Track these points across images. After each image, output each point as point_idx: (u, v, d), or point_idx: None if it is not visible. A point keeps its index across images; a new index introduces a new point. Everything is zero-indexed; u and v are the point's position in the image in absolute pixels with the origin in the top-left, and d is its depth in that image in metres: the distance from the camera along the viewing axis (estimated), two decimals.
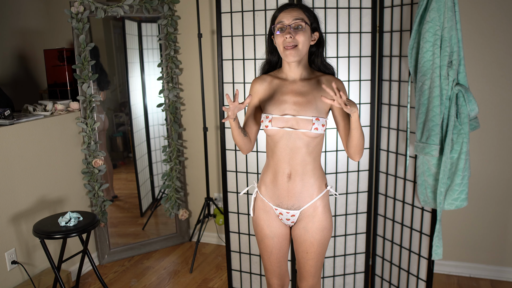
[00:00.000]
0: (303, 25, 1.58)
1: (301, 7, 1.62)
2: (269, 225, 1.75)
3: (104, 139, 3.11)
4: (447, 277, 2.83)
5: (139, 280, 2.90)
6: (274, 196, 1.71)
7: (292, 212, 1.70)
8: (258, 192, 1.78)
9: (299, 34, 1.57)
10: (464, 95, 1.84)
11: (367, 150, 2.39)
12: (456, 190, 1.94)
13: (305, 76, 1.69)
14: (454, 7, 1.83)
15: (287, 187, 1.68)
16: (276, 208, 1.72)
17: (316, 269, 1.76)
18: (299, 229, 1.72)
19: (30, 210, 2.59)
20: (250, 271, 2.64)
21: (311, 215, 1.69)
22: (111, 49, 3.18)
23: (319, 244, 1.71)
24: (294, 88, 1.67)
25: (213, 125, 3.26)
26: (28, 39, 3.85)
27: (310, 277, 1.78)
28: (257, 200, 1.78)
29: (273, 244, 1.77)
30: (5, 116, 2.50)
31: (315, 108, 1.63)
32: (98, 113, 3.01)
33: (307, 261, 1.74)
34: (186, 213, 3.33)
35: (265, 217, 1.75)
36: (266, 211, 1.75)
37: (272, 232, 1.75)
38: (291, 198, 1.69)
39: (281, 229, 1.76)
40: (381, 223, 2.47)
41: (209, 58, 3.16)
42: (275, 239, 1.76)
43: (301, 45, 1.58)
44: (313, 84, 1.67)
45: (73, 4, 2.77)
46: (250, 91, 1.74)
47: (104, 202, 3.04)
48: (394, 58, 2.26)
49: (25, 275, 2.57)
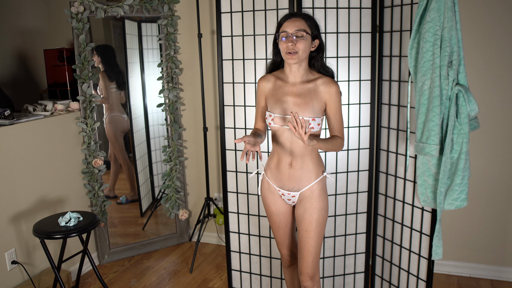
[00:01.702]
0: (304, 35, 1.77)
1: (304, 17, 1.81)
2: (274, 203, 2.00)
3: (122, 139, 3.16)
4: (447, 277, 2.83)
5: (139, 280, 2.90)
6: (277, 179, 1.95)
7: (292, 193, 1.93)
8: (264, 175, 2.01)
9: (300, 43, 1.77)
10: (464, 95, 1.84)
11: (367, 150, 2.39)
12: (456, 190, 1.94)
13: (305, 79, 1.88)
14: (454, 7, 1.83)
15: (288, 173, 1.91)
16: (279, 189, 1.95)
17: (316, 250, 1.92)
18: (299, 208, 1.94)
19: (30, 210, 2.59)
20: (250, 271, 2.64)
21: (309, 197, 1.91)
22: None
23: (317, 222, 1.90)
24: (294, 90, 1.87)
25: (213, 125, 3.26)
26: (28, 39, 3.85)
27: (310, 257, 1.91)
28: (263, 181, 2.02)
29: (280, 219, 2.02)
30: (5, 116, 2.50)
31: (312, 109, 1.84)
32: (120, 113, 3.05)
33: (307, 240, 1.91)
34: (186, 213, 3.33)
35: (270, 196, 2.00)
36: (271, 191, 1.99)
37: (277, 210, 2.00)
38: (291, 182, 1.91)
39: (285, 207, 2.00)
40: (381, 223, 2.47)
41: (209, 58, 3.16)
42: (281, 215, 2.01)
43: (301, 52, 1.78)
44: (311, 87, 1.86)
45: (73, 4, 2.77)
46: (257, 90, 1.97)
47: (104, 202, 3.04)
48: (394, 58, 2.26)
49: (25, 275, 2.57)
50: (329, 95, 1.84)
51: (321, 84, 1.84)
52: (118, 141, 3.17)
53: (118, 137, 3.14)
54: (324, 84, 1.84)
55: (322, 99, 1.84)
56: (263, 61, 2.38)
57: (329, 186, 2.39)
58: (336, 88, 1.84)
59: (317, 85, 1.85)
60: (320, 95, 1.84)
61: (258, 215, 2.54)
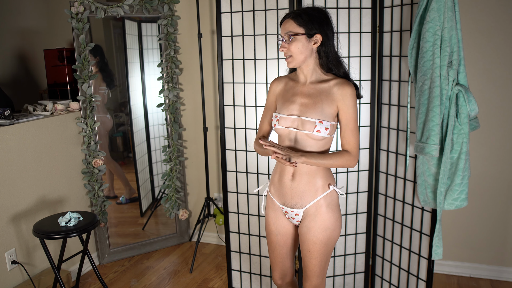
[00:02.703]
0: (294, 36, 1.65)
1: (294, 17, 1.66)
2: (275, 222, 1.84)
3: (106, 139, 3.12)
4: (447, 277, 2.83)
5: (139, 280, 2.90)
6: (280, 195, 1.79)
7: (296, 211, 1.76)
8: (268, 191, 1.88)
9: (292, 45, 1.65)
10: (464, 95, 1.84)
11: (367, 150, 2.39)
12: (456, 190, 1.94)
13: (316, 79, 1.73)
14: (454, 7, 1.83)
15: (291, 186, 1.74)
16: (282, 207, 1.79)
17: (320, 269, 1.78)
18: (302, 227, 1.77)
19: (30, 210, 2.59)
20: (250, 271, 2.64)
21: (313, 214, 1.73)
22: (111, 49, 3.18)
23: (322, 243, 1.73)
24: (304, 90, 1.73)
25: (213, 125, 3.26)
26: (28, 39, 3.85)
27: (314, 277, 1.79)
28: (268, 198, 1.88)
29: (277, 240, 1.85)
30: (5, 116, 2.50)
31: (321, 111, 1.67)
32: (103, 113, 3.03)
33: (310, 260, 1.77)
34: (186, 213, 3.33)
35: (273, 214, 1.84)
36: (274, 209, 1.83)
37: (277, 230, 1.84)
38: (294, 197, 1.74)
39: (286, 228, 1.84)
40: (381, 223, 2.47)
41: (209, 58, 3.16)
42: (279, 236, 1.84)
43: (295, 54, 1.66)
44: (324, 87, 1.70)
45: (73, 4, 2.77)
46: (268, 91, 1.86)
47: (104, 202, 3.04)
48: (394, 58, 2.26)
49: (25, 275, 2.57)
50: (342, 98, 1.65)
51: (334, 85, 1.68)
52: (103, 140, 3.16)
53: (103, 137, 3.12)
54: (337, 85, 1.67)
55: (334, 102, 1.67)
56: (263, 61, 2.38)
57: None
58: (350, 90, 1.65)
59: (330, 86, 1.68)
60: (332, 97, 1.67)
61: (258, 215, 2.54)
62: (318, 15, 1.68)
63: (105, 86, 3.09)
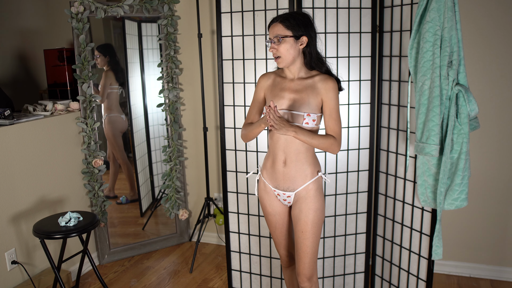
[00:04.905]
0: (282, 39, 1.80)
1: (282, 20, 1.81)
2: (270, 204, 2.00)
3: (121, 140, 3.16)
4: (447, 277, 2.83)
5: (139, 280, 2.90)
6: (272, 179, 1.95)
7: (287, 194, 1.93)
8: (260, 175, 2.02)
9: (280, 46, 1.81)
10: (464, 95, 1.84)
11: (367, 150, 2.39)
12: (456, 190, 1.94)
13: (302, 76, 1.89)
14: (454, 7, 1.83)
15: (283, 172, 1.91)
16: (275, 189, 1.95)
17: (313, 250, 1.91)
18: (295, 209, 1.93)
19: (30, 210, 2.59)
20: (250, 271, 2.64)
21: (304, 197, 1.90)
22: None
23: (313, 223, 1.89)
24: (291, 86, 1.89)
25: (213, 125, 3.26)
26: (28, 39, 3.85)
27: (307, 258, 1.90)
28: (260, 182, 2.03)
29: (276, 220, 2.03)
30: (5, 116, 2.50)
31: (308, 105, 1.84)
32: (118, 113, 3.05)
33: (304, 241, 1.90)
34: (186, 213, 3.33)
35: (266, 197, 2.00)
36: (267, 192, 1.99)
37: (273, 210, 2.01)
38: (286, 181, 1.91)
39: (280, 208, 2.00)
40: (381, 223, 2.47)
41: (209, 58, 3.16)
42: (277, 216, 2.01)
43: (284, 55, 1.82)
44: (309, 83, 1.87)
45: (73, 4, 2.77)
46: (257, 85, 2.00)
47: (104, 202, 3.04)
48: (394, 58, 2.26)
49: (25, 275, 2.57)
50: (325, 91, 1.83)
51: (318, 81, 1.85)
52: (117, 141, 3.17)
53: (117, 137, 3.14)
54: (321, 80, 1.85)
55: (318, 95, 1.84)
56: (263, 61, 2.38)
57: (329, 186, 2.39)
58: (332, 84, 1.83)
59: (315, 81, 1.86)
60: (317, 91, 1.84)
61: (258, 215, 2.54)
62: (303, 19, 1.83)
63: (117, 85, 3.09)
